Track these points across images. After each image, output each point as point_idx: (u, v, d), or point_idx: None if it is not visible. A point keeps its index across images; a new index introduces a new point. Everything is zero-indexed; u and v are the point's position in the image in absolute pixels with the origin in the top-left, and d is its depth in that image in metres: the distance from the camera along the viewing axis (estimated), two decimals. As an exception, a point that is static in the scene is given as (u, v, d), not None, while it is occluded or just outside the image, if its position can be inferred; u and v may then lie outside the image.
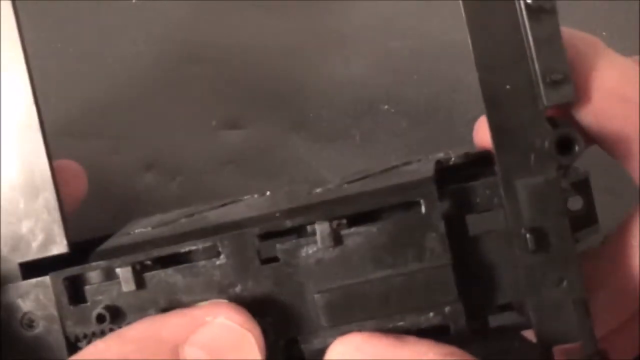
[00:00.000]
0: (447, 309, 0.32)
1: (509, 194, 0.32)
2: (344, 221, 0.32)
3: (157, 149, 0.47)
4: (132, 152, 0.47)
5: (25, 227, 0.34)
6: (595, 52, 0.33)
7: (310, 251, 0.32)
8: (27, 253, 0.34)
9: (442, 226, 0.32)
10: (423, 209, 0.32)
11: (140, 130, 0.47)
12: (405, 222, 0.32)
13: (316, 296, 0.32)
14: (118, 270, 0.33)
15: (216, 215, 0.35)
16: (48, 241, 0.34)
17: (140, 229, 0.36)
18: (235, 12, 0.49)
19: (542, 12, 0.31)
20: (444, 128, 0.45)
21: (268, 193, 0.38)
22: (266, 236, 0.33)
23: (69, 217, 0.35)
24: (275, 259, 0.33)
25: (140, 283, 0.33)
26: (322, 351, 0.32)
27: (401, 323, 0.32)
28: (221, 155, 0.47)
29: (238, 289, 0.33)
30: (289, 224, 0.32)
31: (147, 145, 0.47)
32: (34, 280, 0.34)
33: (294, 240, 0.33)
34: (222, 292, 0.33)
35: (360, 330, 0.32)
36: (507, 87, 0.32)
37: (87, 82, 0.47)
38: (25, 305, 0.34)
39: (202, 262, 0.33)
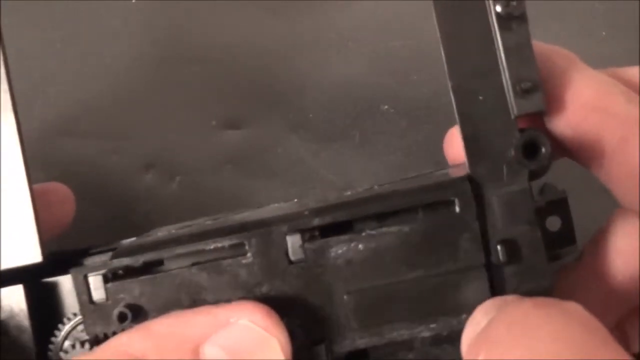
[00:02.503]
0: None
1: (482, 205, 0.31)
2: (374, 220, 0.32)
3: (157, 149, 0.47)
4: (132, 152, 0.47)
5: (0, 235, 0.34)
6: (571, 65, 0.32)
7: (339, 251, 0.32)
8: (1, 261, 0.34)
9: (476, 226, 0.31)
10: (457, 208, 0.31)
11: (140, 130, 0.47)
12: (438, 221, 0.31)
13: (345, 297, 0.31)
14: (140, 266, 0.32)
15: (242, 217, 0.35)
16: (22, 251, 0.34)
17: (163, 232, 0.35)
18: (235, 12, 0.49)
19: (512, 20, 0.31)
20: (444, 128, 0.45)
21: (295, 200, 0.37)
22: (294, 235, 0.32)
23: (56, 237, 0.35)
24: (303, 259, 0.32)
25: (163, 281, 0.32)
26: (350, 353, 0.31)
27: (433, 325, 0.31)
28: (221, 155, 0.47)
29: (264, 288, 0.32)
30: (317, 221, 0.31)
31: (147, 145, 0.47)
32: (6, 289, 0.33)
33: (322, 240, 0.32)
34: (248, 291, 0.32)
35: (390, 332, 0.31)
36: (480, 97, 0.31)
37: (87, 82, 0.47)
38: None
39: (228, 261, 0.32)
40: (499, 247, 0.31)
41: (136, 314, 0.32)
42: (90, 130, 0.47)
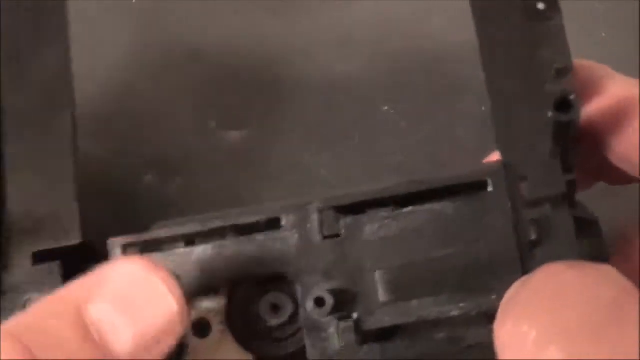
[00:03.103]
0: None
1: (514, 187, 0.32)
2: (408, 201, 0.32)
3: (157, 149, 0.47)
4: (132, 152, 0.47)
5: (42, 215, 0.34)
6: (607, 69, 0.33)
7: (373, 228, 0.32)
8: (40, 241, 0.34)
9: (508, 205, 0.32)
10: (490, 188, 0.32)
11: (140, 130, 0.47)
12: (471, 201, 0.32)
13: (377, 273, 0.32)
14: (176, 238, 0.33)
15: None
16: (63, 231, 0.34)
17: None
18: (235, 12, 0.49)
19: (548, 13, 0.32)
20: (444, 128, 0.45)
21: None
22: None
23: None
24: (337, 235, 0.32)
25: (198, 253, 0.33)
26: (379, 330, 0.32)
27: (462, 304, 0.31)
28: (221, 156, 0.47)
29: (297, 262, 0.32)
30: (353, 199, 0.32)
31: (147, 146, 0.47)
32: (43, 266, 0.34)
33: (357, 216, 0.32)
34: (282, 266, 0.33)
35: (419, 310, 0.31)
36: (512, 87, 0.33)
37: (87, 82, 0.47)
38: (30, 289, 0.34)
39: (262, 235, 0.33)
40: (530, 227, 0.31)
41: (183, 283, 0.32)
42: (90, 130, 0.47)
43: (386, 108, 0.46)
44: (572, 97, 0.29)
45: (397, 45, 0.47)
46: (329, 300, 0.31)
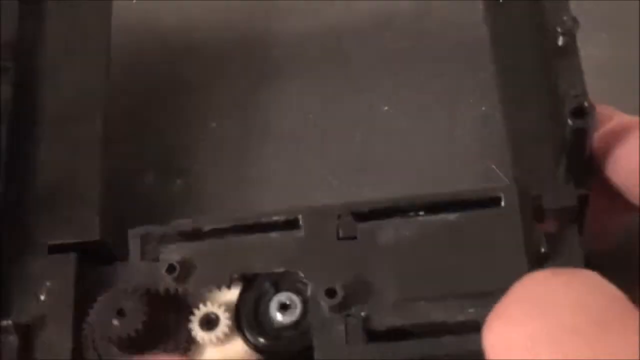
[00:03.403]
0: None
1: (527, 203, 0.33)
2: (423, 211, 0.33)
3: (158, 150, 0.47)
4: (132, 153, 0.47)
5: (64, 209, 0.35)
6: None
7: (387, 233, 0.33)
8: (59, 234, 0.35)
9: (519, 218, 0.32)
10: (503, 203, 0.33)
11: (140, 132, 0.47)
12: (483, 214, 0.33)
13: (388, 276, 0.32)
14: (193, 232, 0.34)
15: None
16: (82, 227, 0.35)
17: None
18: (236, 12, 0.49)
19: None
20: (444, 129, 0.46)
21: None
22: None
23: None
24: (353, 238, 0.33)
25: (214, 247, 0.34)
26: (387, 330, 0.32)
27: (470, 310, 0.32)
28: (221, 157, 0.47)
29: (311, 262, 0.33)
30: (370, 206, 0.34)
31: (147, 146, 0.47)
32: (58, 256, 0.35)
33: (373, 222, 0.33)
34: (295, 263, 0.33)
35: (428, 313, 0.32)
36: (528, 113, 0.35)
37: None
38: (44, 278, 0.34)
39: (279, 233, 0.34)
40: (540, 240, 0.32)
41: (185, 273, 0.34)
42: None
43: (386, 108, 0.47)
44: (586, 104, 0.30)
45: (397, 46, 0.47)
46: (340, 292, 0.32)
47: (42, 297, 0.34)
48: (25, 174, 0.37)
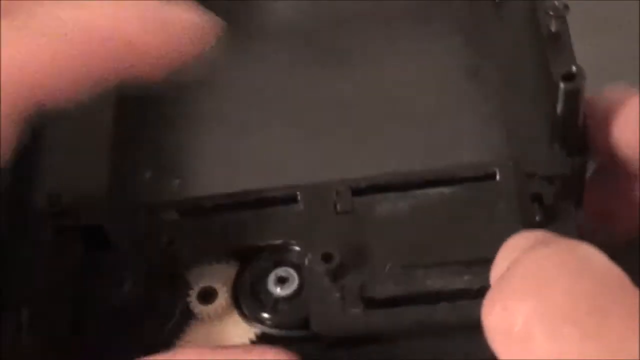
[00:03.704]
0: None
1: (522, 176, 0.33)
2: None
3: (158, 149, 0.47)
4: (132, 152, 0.47)
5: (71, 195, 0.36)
6: None
7: (385, 207, 0.34)
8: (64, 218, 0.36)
9: (515, 190, 0.33)
10: (498, 177, 0.33)
11: (140, 133, 0.47)
12: (479, 187, 0.34)
13: (384, 246, 0.33)
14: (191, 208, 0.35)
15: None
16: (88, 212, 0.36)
17: None
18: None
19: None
20: (444, 129, 0.46)
21: None
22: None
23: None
24: (350, 211, 0.34)
25: (214, 221, 0.35)
26: (385, 299, 0.32)
27: (466, 277, 0.32)
28: (220, 156, 0.47)
29: (309, 234, 0.34)
30: (367, 182, 0.35)
31: (146, 148, 0.47)
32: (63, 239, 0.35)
33: (370, 196, 0.34)
34: (293, 236, 0.34)
35: (424, 281, 0.32)
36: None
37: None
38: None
39: (277, 208, 0.35)
40: (535, 208, 0.33)
41: (184, 249, 0.34)
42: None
43: (386, 108, 0.47)
44: (575, 68, 0.32)
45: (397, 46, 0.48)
46: (336, 257, 0.32)
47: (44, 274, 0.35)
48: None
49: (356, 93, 0.46)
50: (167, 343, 0.33)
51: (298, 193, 0.35)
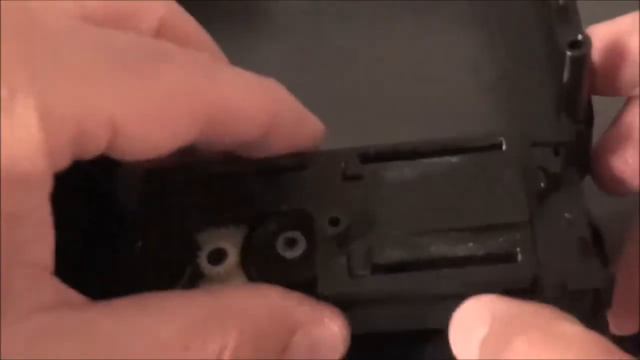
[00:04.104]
0: (517, 235, 0.33)
1: (527, 147, 0.34)
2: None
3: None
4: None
5: None
6: None
7: (393, 174, 0.34)
8: None
9: (520, 158, 0.34)
10: (504, 147, 0.34)
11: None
12: (485, 156, 0.34)
13: (391, 212, 0.33)
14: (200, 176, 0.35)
15: None
16: None
17: None
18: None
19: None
20: (444, 129, 0.46)
21: None
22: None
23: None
24: (358, 178, 0.34)
25: (223, 186, 0.35)
26: (390, 265, 0.33)
27: (471, 244, 0.33)
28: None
29: (317, 199, 0.34)
30: (376, 149, 0.35)
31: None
32: None
33: (378, 163, 0.35)
34: (302, 201, 0.34)
35: (429, 246, 0.33)
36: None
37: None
38: None
39: (286, 174, 0.35)
40: (539, 175, 0.33)
41: (194, 213, 0.35)
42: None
43: (386, 108, 0.48)
44: (581, 36, 0.33)
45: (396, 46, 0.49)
46: (344, 221, 0.32)
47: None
48: None
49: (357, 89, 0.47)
50: None
51: (307, 160, 0.35)
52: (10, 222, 0.27)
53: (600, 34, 0.35)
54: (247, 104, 0.33)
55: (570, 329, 0.28)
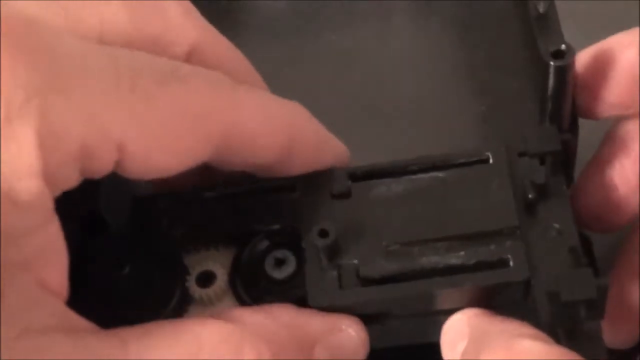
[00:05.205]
0: (508, 242, 0.32)
1: (514, 160, 0.34)
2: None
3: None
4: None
5: None
6: None
7: (381, 190, 0.34)
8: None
9: (507, 170, 0.34)
10: (491, 160, 0.34)
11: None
12: (472, 170, 0.34)
13: (381, 226, 0.33)
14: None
15: None
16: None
17: None
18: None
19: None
20: (444, 128, 0.46)
21: None
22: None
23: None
24: (346, 196, 0.34)
25: (216, 208, 0.35)
26: (381, 277, 0.33)
27: (462, 253, 0.33)
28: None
29: (306, 218, 0.34)
30: (363, 169, 0.35)
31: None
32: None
33: (366, 181, 0.35)
34: (290, 220, 0.34)
35: (421, 258, 0.33)
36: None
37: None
38: None
39: (275, 195, 0.35)
40: (528, 186, 0.33)
41: (183, 235, 0.35)
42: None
43: (386, 108, 0.47)
44: (564, 46, 0.32)
45: (397, 46, 0.48)
46: (332, 233, 0.32)
47: None
48: None
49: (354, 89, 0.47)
50: None
51: (296, 180, 0.35)
52: (7, 241, 0.27)
53: (587, 54, 0.35)
54: (264, 127, 0.33)
55: (531, 345, 0.29)
